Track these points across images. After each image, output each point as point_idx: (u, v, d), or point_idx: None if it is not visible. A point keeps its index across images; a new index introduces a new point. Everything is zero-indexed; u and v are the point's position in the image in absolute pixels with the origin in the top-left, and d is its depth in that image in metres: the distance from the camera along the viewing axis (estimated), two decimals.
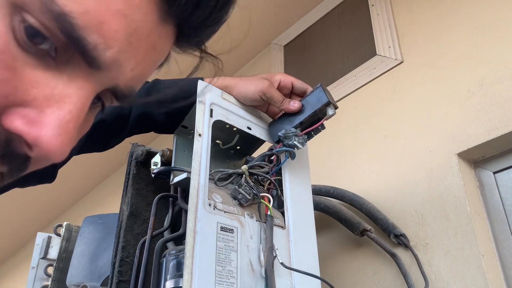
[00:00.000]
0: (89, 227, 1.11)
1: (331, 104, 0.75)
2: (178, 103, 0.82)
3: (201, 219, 0.63)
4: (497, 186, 1.00)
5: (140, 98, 0.80)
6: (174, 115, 0.83)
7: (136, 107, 0.80)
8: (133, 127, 0.83)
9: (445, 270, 0.94)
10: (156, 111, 0.82)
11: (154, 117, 0.82)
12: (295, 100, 0.79)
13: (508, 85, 0.99)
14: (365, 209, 1.06)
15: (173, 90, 0.82)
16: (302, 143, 0.76)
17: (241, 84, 0.81)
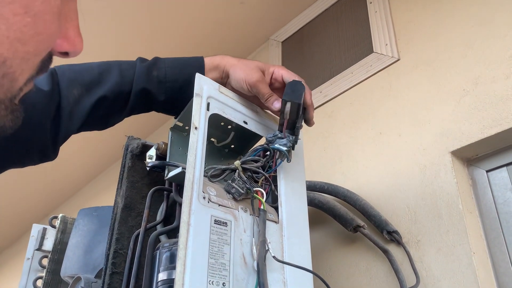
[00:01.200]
0: (84, 219, 1.11)
1: (287, 102, 0.74)
2: (178, 83, 0.81)
3: (195, 212, 0.64)
4: (489, 185, 1.00)
5: (141, 76, 0.80)
6: (174, 94, 0.83)
7: (137, 83, 0.80)
8: (134, 104, 0.82)
9: (436, 267, 0.95)
10: (156, 90, 0.82)
11: (155, 95, 0.82)
12: (279, 100, 0.77)
13: (502, 84, 1.00)
14: (358, 206, 1.07)
15: (174, 70, 0.82)
16: (285, 145, 0.76)
17: (235, 69, 0.81)
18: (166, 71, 0.81)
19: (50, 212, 3.31)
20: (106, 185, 2.81)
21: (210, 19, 1.86)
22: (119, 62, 0.82)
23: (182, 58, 0.84)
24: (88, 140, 2.62)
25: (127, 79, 0.80)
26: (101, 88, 0.78)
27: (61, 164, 2.84)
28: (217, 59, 0.84)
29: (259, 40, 1.96)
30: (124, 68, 0.81)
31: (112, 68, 0.80)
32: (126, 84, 0.80)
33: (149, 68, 0.81)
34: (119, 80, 0.79)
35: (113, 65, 0.81)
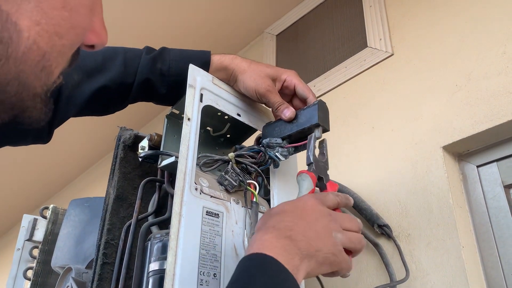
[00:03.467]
0: (75, 210, 1.11)
1: (320, 127, 0.74)
2: (181, 77, 0.80)
3: (187, 203, 0.64)
4: (479, 180, 1.01)
5: (145, 68, 0.78)
6: (176, 88, 0.81)
7: (141, 75, 0.78)
8: (136, 95, 0.81)
9: (426, 260, 0.96)
10: (159, 83, 0.80)
11: (157, 88, 0.81)
12: (290, 109, 0.76)
13: (494, 81, 1.00)
14: None
15: (178, 64, 0.80)
16: (285, 156, 0.75)
17: (244, 76, 0.79)
18: (170, 64, 0.80)
19: (41, 203, 3.30)
20: (98, 177, 2.80)
21: (205, 12, 1.85)
22: (125, 50, 0.80)
23: (188, 51, 0.82)
24: (81, 131, 2.60)
25: (131, 70, 0.78)
26: (103, 76, 0.76)
27: (53, 155, 2.82)
28: (227, 60, 0.81)
29: (253, 33, 1.96)
30: (129, 57, 0.79)
31: (117, 56, 0.78)
32: (129, 75, 0.78)
33: (154, 59, 0.79)
34: (122, 70, 0.77)
35: (118, 52, 0.79)
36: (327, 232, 0.55)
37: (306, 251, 0.52)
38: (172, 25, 1.90)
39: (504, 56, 1.01)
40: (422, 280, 0.94)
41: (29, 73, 0.36)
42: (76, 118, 0.82)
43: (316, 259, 0.53)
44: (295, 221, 0.54)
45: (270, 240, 0.52)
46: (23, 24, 0.34)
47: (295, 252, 0.51)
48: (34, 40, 0.35)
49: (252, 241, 0.53)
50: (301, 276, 0.51)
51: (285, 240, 0.52)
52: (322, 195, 0.61)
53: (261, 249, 0.50)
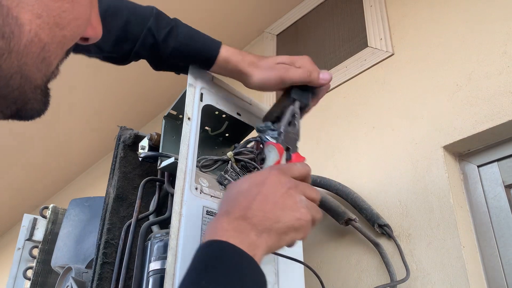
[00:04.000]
0: (75, 210, 1.11)
1: (296, 101, 0.73)
2: (179, 65, 0.77)
3: (187, 202, 0.64)
4: (480, 180, 1.01)
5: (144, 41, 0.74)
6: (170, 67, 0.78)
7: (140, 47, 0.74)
8: (130, 59, 0.77)
9: (427, 260, 0.95)
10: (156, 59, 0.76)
11: (153, 63, 0.77)
12: (324, 71, 0.75)
13: (495, 80, 1.00)
14: (350, 199, 1.07)
15: (189, 48, 0.75)
16: (276, 138, 0.75)
17: (257, 75, 0.75)
18: (172, 52, 0.74)
19: (41, 202, 3.30)
20: (98, 176, 2.79)
21: (205, 11, 1.85)
22: (129, 11, 0.74)
23: (200, 36, 0.76)
24: (81, 131, 2.61)
25: (131, 36, 0.73)
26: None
27: (54, 155, 2.82)
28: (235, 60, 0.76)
29: (254, 32, 1.96)
30: (133, 21, 0.73)
31: (118, 16, 0.73)
32: (128, 41, 0.74)
33: (167, 35, 0.74)
34: (121, 34, 0.73)
35: (122, 12, 0.73)
36: (287, 200, 0.55)
37: (262, 226, 0.51)
38: None
39: (505, 55, 1.01)
40: (422, 280, 0.94)
41: (31, 65, 0.37)
42: (77, 119, 0.81)
43: (276, 231, 0.52)
44: (250, 199, 0.53)
45: (221, 225, 0.51)
46: (24, 17, 0.35)
47: (249, 229, 0.50)
48: (36, 32, 0.36)
49: (206, 228, 0.53)
50: (261, 251, 0.50)
51: (237, 221, 0.51)
52: (286, 165, 0.61)
53: (213, 236, 0.50)
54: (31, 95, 0.39)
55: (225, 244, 0.48)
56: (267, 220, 0.52)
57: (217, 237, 0.49)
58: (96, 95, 2.31)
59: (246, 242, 0.49)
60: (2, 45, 0.34)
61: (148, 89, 2.26)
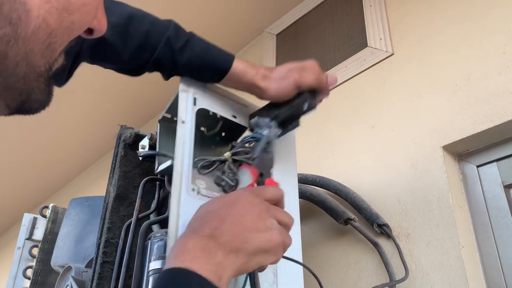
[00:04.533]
0: (75, 209, 1.11)
1: (307, 101, 0.75)
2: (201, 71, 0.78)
3: (184, 204, 0.64)
4: (479, 180, 1.01)
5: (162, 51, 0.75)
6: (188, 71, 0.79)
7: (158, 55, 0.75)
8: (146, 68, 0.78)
9: (426, 260, 0.96)
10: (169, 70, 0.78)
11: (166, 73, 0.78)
12: (331, 75, 0.78)
13: (494, 80, 1.00)
14: (349, 199, 1.07)
15: (203, 59, 0.76)
16: (273, 135, 0.75)
17: (273, 86, 0.76)
18: (186, 63, 0.76)
19: (41, 202, 3.30)
20: (99, 175, 2.80)
21: (205, 11, 1.85)
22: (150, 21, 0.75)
23: (209, 57, 0.77)
24: (81, 130, 2.61)
25: (149, 47, 0.75)
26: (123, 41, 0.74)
27: (54, 154, 2.83)
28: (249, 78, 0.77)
29: (253, 32, 1.96)
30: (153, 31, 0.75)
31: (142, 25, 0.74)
32: (146, 51, 0.75)
33: (182, 49, 0.75)
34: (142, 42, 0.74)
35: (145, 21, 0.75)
36: (257, 222, 0.52)
37: (230, 246, 0.49)
38: None
39: (504, 56, 1.01)
40: (421, 279, 0.95)
41: (37, 51, 0.36)
42: (76, 118, 0.82)
43: (244, 252, 0.50)
44: (219, 219, 0.52)
45: (187, 244, 0.49)
46: (32, 2, 0.34)
47: (216, 249, 0.48)
48: (44, 18, 0.35)
49: (173, 247, 0.50)
50: (229, 272, 0.48)
51: (204, 239, 0.49)
52: (259, 188, 0.60)
53: (178, 255, 0.47)
54: (35, 84, 0.38)
55: (191, 273, 0.45)
56: (236, 241, 0.49)
57: (182, 259, 0.46)
58: (96, 93, 2.31)
59: (212, 263, 0.47)
60: (9, 32, 0.33)
61: (149, 88, 2.26)
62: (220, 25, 1.92)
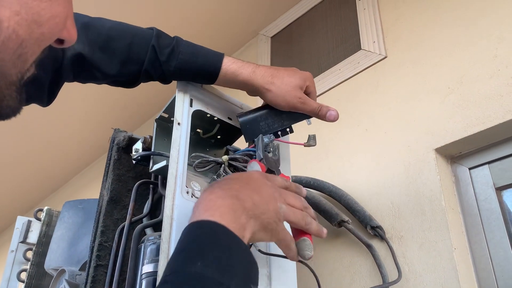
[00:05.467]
0: (69, 212, 1.11)
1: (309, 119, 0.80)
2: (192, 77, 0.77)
3: (178, 206, 0.64)
4: (471, 182, 1.02)
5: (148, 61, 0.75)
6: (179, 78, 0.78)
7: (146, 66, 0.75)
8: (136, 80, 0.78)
9: (418, 262, 0.96)
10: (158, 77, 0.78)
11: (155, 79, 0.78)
12: (334, 111, 0.79)
13: (486, 84, 1.01)
14: (343, 201, 1.08)
15: (182, 70, 0.75)
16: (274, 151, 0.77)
17: (271, 95, 0.76)
18: (174, 72, 0.76)
19: (35, 205, 3.28)
20: (92, 179, 2.79)
21: (200, 13, 1.86)
22: (132, 33, 0.75)
23: (198, 61, 0.76)
24: (75, 133, 2.60)
25: (135, 57, 0.74)
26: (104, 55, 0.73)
27: (48, 157, 2.82)
28: (245, 76, 0.76)
29: (248, 34, 1.96)
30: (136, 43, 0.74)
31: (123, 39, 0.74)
32: (133, 62, 0.75)
33: (169, 55, 0.75)
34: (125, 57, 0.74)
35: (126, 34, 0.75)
36: (271, 199, 0.57)
37: (252, 212, 0.53)
38: (166, 26, 1.90)
39: (496, 59, 1.02)
40: (414, 281, 0.95)
41: (8, 61, 0.38)
42: (71, 121, 0.82)
43: (261, 221, 0.54)
44: (241, 185, 0.56)
45: (216, 200, 0.51)
46: (3, 15, 0.36)
47: (241, 211, 0.51)
48: (14, 29, 0.37)
49: (198, 202, 0.52)
50: (248, 234, 0.51)
51: (231, 199, 0.52)
52: (269, 175, 0.63)
53: (207, 210, 0.50)
54: (6, 92, 0.39)
55: (221, 226, 0.48)
56: (256, 209, 0.53)
57: (211, 214, 0.49)
58: (90, 97, 2.31)
59: (238, 222, 0.50)
60: None
61: (142, 92, 2.26)
62: (215, 27, 1.92)
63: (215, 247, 0.47)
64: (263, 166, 0.70)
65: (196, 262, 0.44)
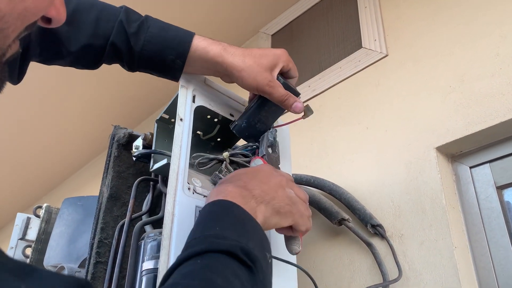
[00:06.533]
0: (68, 209, 1.11)
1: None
2: (152, 62, 0.74)
3: (179, 203, 0.64)
4: (472, 181, 1.02)
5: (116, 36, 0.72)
6: (142, 66, 0.75)
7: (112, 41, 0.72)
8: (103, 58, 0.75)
9: (419, 260, 0.96)
10: (127, 58, 0.74)
11: (125, 60, 0.74)
12: (299, 102, 0.74)
13: (487, 82, 1.01)
14: (344, 199, 1.08)
15: (153, 47, 0.72)
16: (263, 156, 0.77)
17: (241, 74, 0.72)
18: (143, 45, 0.72)
19: (34, 202, 3.28)
20: (92, 176, 2.79)
21: (200, 11, 1.85)
22: (98, 8, 0.72)
23: (169, 34, 0.73)
24: (75, 130, 2.60)
25: (101, 33, 0.71)
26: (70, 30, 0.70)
27: (47, 154, 2.81)
28: (216, 52, 0.73)
29: (248, 32, 1.96)
30: (103, 17, 0.72)
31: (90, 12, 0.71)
32: (99, 38, 0.72)
33: (127, 33, 0.72)
34: (91, 31, 0.71)
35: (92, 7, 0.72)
36: (279, 186, 0.61)
37: (261, 198, 0.57)
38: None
39: (498, 58, 1.02)
40: (414, 280, 0.95)
41: None
42: (71, 118, 0.81)
43: (272, 206, 0.58)
44: (249, 177, 0.60)
45: (226, 187, 0.56)
46: None
47: (250, 197, 0.56)
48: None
49: (211, 193, 0.57)
50: (260, 218, 0.55)
51: (240, 188, 0.57)
52: (275, 168, 0.68)
53: (218, 194, 0.55)
54: None
55: (232, 203, 0.53)
56: (265, 195, 0.57)
57: (223, 196, 0.54)
58: (90, 94, 2.31)
59: (248, 205, 0.54)
60: None
61: (142, 89, 2.26)
62: (215, 25, 1.92)
63: (230, 218, 0.51)
64: (266, 162, 0.72)
65: (214, 228, 0.49)
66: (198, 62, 0.74)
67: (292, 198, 0.61)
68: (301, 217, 0.62)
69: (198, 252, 0.46)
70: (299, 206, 0.62)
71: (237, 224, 0.50)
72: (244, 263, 0.46)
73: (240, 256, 0.46)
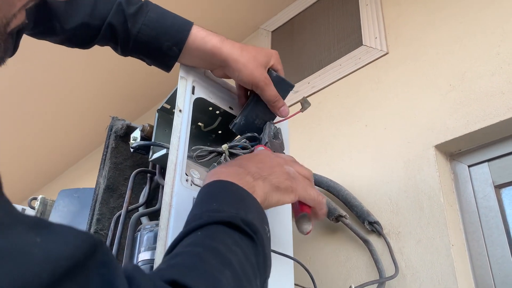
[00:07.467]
0: (64, 200, 1.10)
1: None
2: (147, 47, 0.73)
3: (177, 194, 0.63)
4: (470, 179, 1.02)
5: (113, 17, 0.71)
6: (136, 51, 0.74)
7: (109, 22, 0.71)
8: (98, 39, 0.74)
9: (415, 258, 0.96)
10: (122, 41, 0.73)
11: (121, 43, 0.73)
12: (286, 106, 0.77)
13: (487, 81, 1.01)
14: (341, 196, 1.07)
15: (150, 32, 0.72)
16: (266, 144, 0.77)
17: (237, 65, 0.72)
18: (141, 28, 0.71)
19: (30, 195, 3.26)
20: (89, 169, 2.77)
21: (200, 8, 1.85)
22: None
23: (167, 21, 0.73)
24: (72, 123, 2.58)
25: (99, 13, 0.71)
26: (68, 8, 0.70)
27: (44, 146, 2.80)
28: (214, 43, 0.72)
29: (249, 29, 1.95)
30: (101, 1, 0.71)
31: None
32: (96, 18, 0.71)
33: (125, 15, 0.71)
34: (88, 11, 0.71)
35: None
36: (277, 164, 0.60)
37: (257, 174, 0.56)
38: None
39: (498, 57, 1.02)
40: (411, 277, 0.95)
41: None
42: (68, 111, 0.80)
43: (270, 182, 0.56)
44: (245, 159, 0.60)
45: (221, 169, 0.56)
46: None
47: (245, 174, 0.55)
48: None
49: (205, 178, 0.56)
50: (259, 194, 0.54)
51: (235, 167, 0.56)
52: (276, 153, 0.68)
53: (213, 176, 0.54)
54: None
55: (229, 182, 0.52)
56: (262, 172, 0.56)
57: (218, 177, 0.53)
58: (88, 87, 2.29)
59: (244, 181, 0.53)
60: None
61: (141, 82, 2.25)
62: (215, 21, 1.91)
63: (227, 194, 0.51)
64: (269, 150, 0.71)
65: (211, 204, 0.49)
66: (195, 52, 0.73)
67: (291, 173, 0.59)
68: (305, 191, 0.60)
69: (199, 225, 0.45)
70: (300, 181, 0.60)
71: (234, 199, 0.50)
72: (245, 233, 0.46)
73: (242, 226, 0.46)
